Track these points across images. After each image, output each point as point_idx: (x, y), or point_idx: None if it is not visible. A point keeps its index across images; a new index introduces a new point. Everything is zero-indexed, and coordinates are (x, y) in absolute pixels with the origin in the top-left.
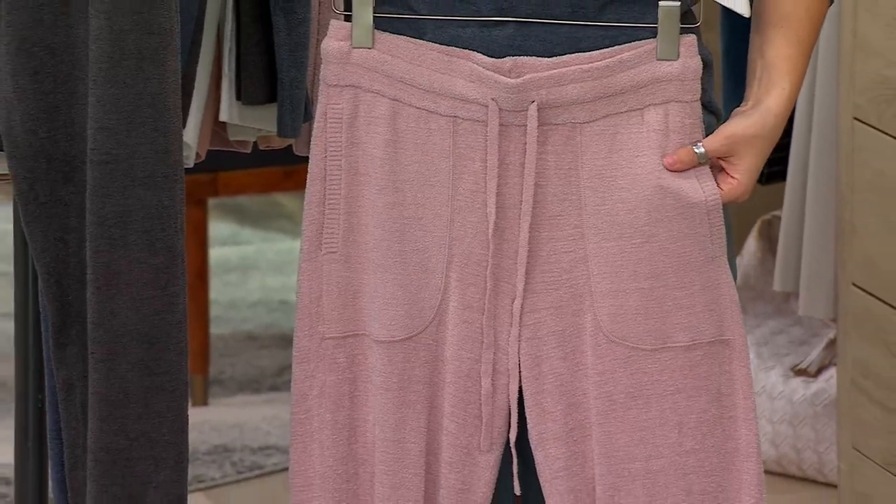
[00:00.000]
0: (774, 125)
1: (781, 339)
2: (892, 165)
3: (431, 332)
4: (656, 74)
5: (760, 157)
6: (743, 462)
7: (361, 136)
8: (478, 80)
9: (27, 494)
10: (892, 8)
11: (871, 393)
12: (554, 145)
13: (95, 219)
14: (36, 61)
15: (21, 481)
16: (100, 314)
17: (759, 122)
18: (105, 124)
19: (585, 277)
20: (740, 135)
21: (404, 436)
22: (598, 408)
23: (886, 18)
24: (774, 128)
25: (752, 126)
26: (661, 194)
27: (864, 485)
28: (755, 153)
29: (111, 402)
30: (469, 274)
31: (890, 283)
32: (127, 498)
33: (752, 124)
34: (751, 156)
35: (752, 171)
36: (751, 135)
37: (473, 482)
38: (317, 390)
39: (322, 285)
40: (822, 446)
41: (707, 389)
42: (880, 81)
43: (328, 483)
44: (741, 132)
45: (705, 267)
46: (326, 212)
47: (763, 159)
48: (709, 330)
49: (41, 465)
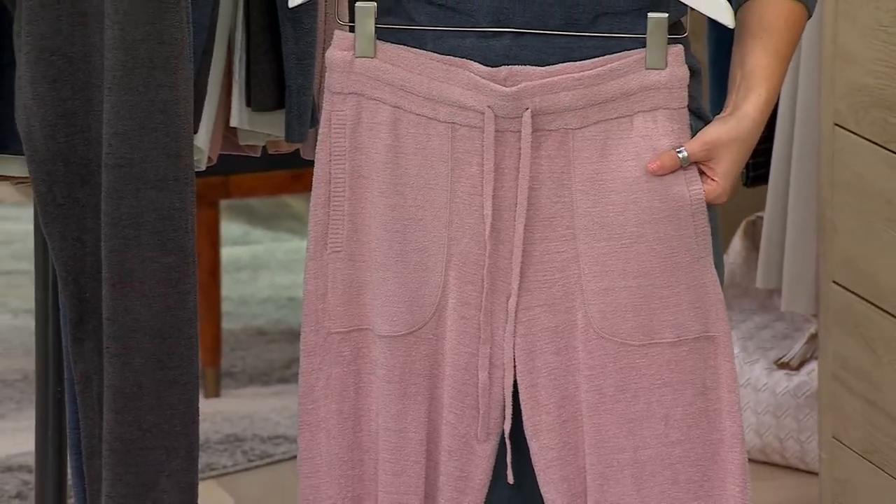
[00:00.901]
0: (751, 129)
1: (765, 333)
2: (870, 168)
3: (431, 328)
4: (645, 83)
5: (738, 160)
6: (727, 452)
7: (364, 141)
8: (475, 89)
9: (47, 481)
10: (871, 19)
11: (851, 385)
12: (547, 150)
13: (110, 220)
14: (54, 70)
15: (41, 468)
16: (114, 310)
17: (736, 126)
18: (119, 129)
19: (577, 276)
20: (718, 139)
21: (406, 425)
22: (588, 400)
23: (865, 29)
24: (751, 132)
25: (729, 131)
26: (650, 197)
27: (843, 472)
28: (733, 157)
29: (125, 394)
30: (467, 272)
31: (868, 280)
32: (140, 485)
33: (729, 129)
34: (728, 160)
35: (730, 173)
36: (728, 139)
37: (471, 470)
38: (323, 382)
39: (327, 283)
40: (803, 436)
41: (692, 383)
42: (859, 89)
43: (334, 470)
44: (718, 137)
45: (691, 267)
46: (331, 213)
47: (741, 162)
48: (694, 327)
49: (60, 453)
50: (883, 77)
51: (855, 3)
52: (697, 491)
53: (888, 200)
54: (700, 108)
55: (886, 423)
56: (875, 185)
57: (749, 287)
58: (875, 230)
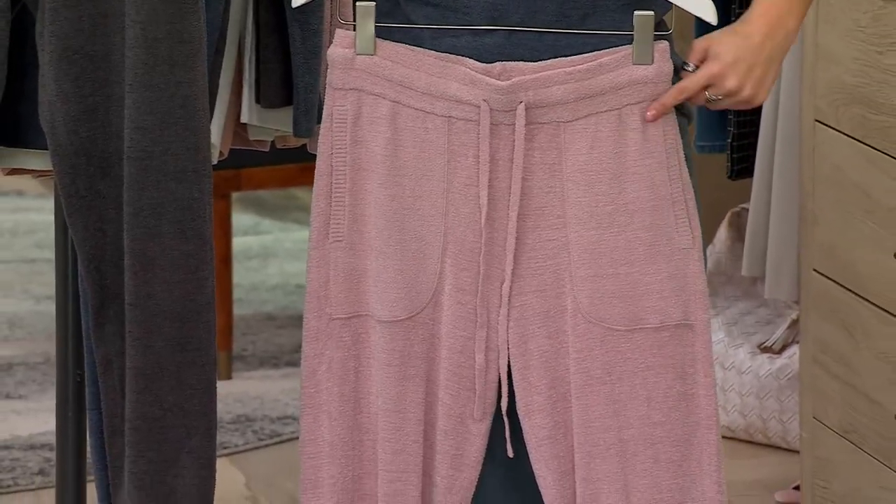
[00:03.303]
0: (752, 31)
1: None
2: (849, 162)
3: (429, 313)
4: (633, 77)
5: (738, 49)
6: (704, 433)
7: (364, 134)
8: (470, 83)
9: (67, 459)
10: (850, 21)
11: (830, 368)
12: (540, 142)
13: (132, 210)
14: (77, 67)
15: (62, 447)
16: (136, 296)
17: (733, 28)
18: (141, 124)
19: (567, 263)
20: (709, 39)
21: (404, 406)
22: (576, 382)
23: (844, 30)
24: (752, 28)
25: (722, 33)
26: (637, 188)
27: (823, 451)
28: (731, 46)
29: (147, 375)
30: (462, 260)
31: (847, 268)
32: (162, 462)
33: (722, 32)
34: (729, 47)
35: (725, 56)
36: (719, 35)
37: (466, 448)
38: (325, 366)
39: (329, 270)
40: (785, 416)
41: (673, 367)
42: (838, 86)
43: (336, 450)
44: (710, 37)
45: (673, 256)
46: (333, 204)
47: (745, 53)
48: (676, 314)
49: (79, 432)
50: (861, 75)
51: (835, 6)
52: (676, 470)
53: (866, 192)
54: (684, 104)
55: (864, 403)
56: (853, 178)
57: (734, 275)
58: (853, 221)
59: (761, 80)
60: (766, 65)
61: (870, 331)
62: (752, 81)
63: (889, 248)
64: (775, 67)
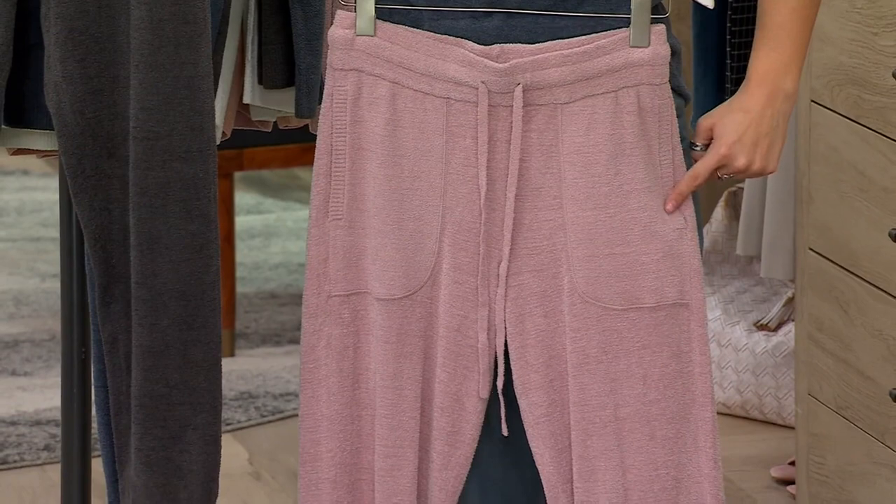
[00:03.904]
0: (751, 104)
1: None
2: (844, 142)
3: (426, 291)
4: (629, 60)
5: (739, 126)
6: (699, 411)
7: (364, 115)
8: (469, 65)
9: (72, 435)
10: (845, 2)
11: (825, 345)
12: (537, 124)
13: (138, 190)
14: (82, 49)
15: (67, 423)
16: (142, 275)
17: (732, 104)
18: (146, 105)
19: (563, 243)
20: (711, 119)
21: (402, 383)
22: (573, 361)
23: (839, 11)
24: (754, 109)
25: (722, 110)
26: (633, 169)
27: (818, 427)
28: (734, 126)
29: (153, 353)
30: (460, 239)
31: (842, 247)
32: (168, 438)
33: (722, 110)
34: (731, 129)
35: (729, 136)
36: (720, 114)
37: (462, 425)
38: (324, 342)
39: (328, 249)
40: (781, 393)
41: (669, 346)
42: (834, 67)
43: (335, 425)
44: (711, 116)
45: (669, 237)
46: (332, 183)
47: (748, 128)
48: (671, 293)
49: (85, 409)
50: (856, 56)
51: None
52: (672, 446)
53: (861, 172)
54: (680, 85)
55: (858, 380)
56: (849, 158)
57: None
58: (848, 200)
59: (769, 151)
60: (771, 135)
61: (864, 308)
62: (760, 155)
63: (884, 227)
64: (781, 134)
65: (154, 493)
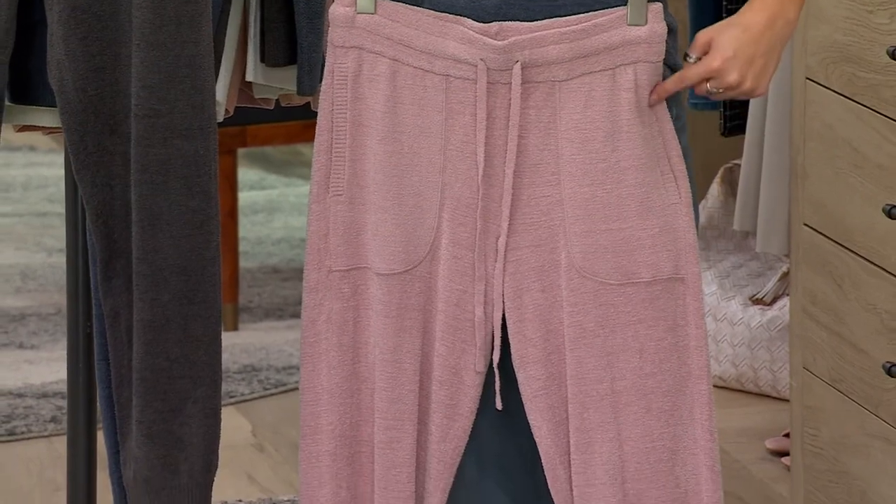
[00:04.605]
0: (752, 22)
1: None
2: (839, 119)
3: (426, 266)
4: (627, 38)
5: (736, 41)
6: (695, 384)
7: (364, 92)
8: (468, 43)
9: (78, 407)
10: None
11: (819, 319)
12: (535, 101)
13: (139, 166)
14: (84, 27)
15: (73, 396)
16: (144, 251)
17: (733, 20)
18: (148, 83)
19: (561, 219)
20: (710, 32)
21: (401, 357)
22: (570, 335)
23: None
24: (754, 28)
25: (722, 23)
26: (630, 146)
27: (812, 399)
28: (731, 40)
29: (154, 327)
30: (458, 215)
31: (836, 222)
32: (168, 411)
33: (721, 25)
34: (728, 39)
35: (726, 50)
36: (719, 27)
37: (460, 398)
38: (325, 316)
39: (329, 224)
40: (776, 366)
41: (664, 320)
42: (829, 45)
43: (335, 398)
44: (709, 30)
45: (664, 212)
46: (333, 159)
47: (745, 45)
48: (667, 268)
49: (90, 382)
50: (851, 34)
51: None
52: (668, 419)
53: (855, 148)
54: (676, 63)
55: (852, 353)
56: (843, 134)
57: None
58: (843, 176)
59: (762, 72)
60: (766, 56)
61: (858, 283)
62: (753, 74)
63: (877, 203)
64: (775, 57)
65: (155, 464)
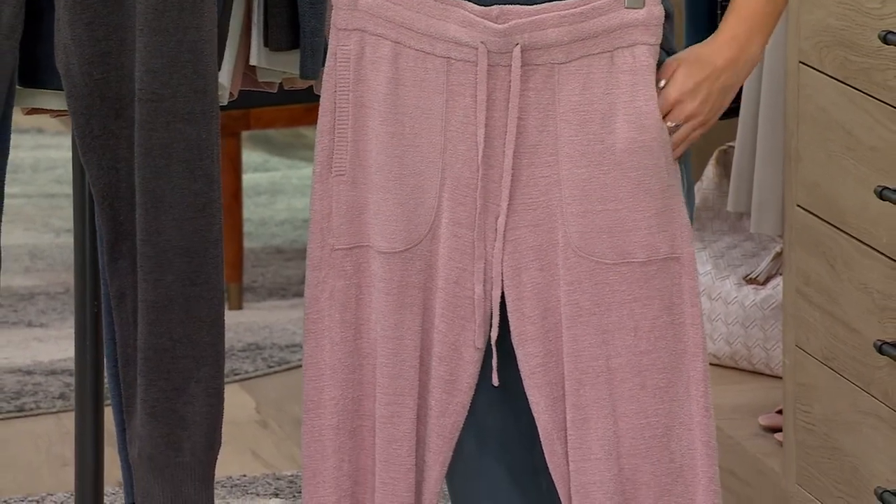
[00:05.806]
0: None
1: (735, 252)
2: (832, 102)
3: (426, 245)
4: (625, 20)
5: (696, 77)
6: (691, 361)
7: (367, 74)
8: (469, 26)
9: (85, 384)
10: None
11: (812, 298)
12: (535, 83)
13: (143, 150)
14: (90, 12)
15: (80, 373)
16: (147, 233)
17: (699, 52)
18: (151, 67)
19: (558, 199)
20: (682, 57)
21: (402, 333)
22: (567, 313)
23: None
24: (710, 62)
25: (691, 51)
26: (627, 129)
27: (805, 377)
28: (690, 75)
29: (158, 308)
30: (459, 195)
31: (829, 203)
32: (172, 390)
33: (691, 52)
34: (686, 73)
35: (686, 84)
36: (691, 53)
37: (459, 374)
38: (327, 294)
39: (332, 203)
40: (769, 344)
41: (660, 299)
42: (822, 29)
43: (337, 374)
44: (682, 57)
45: (661, 193)
46: (336, 140)
47: (703, 82)
48: (662, 248)
49: (97, 360)
50: (844, 19)
51: None
52: (663, 395)
53: (847, 131)
54: (672, 48)
55: (844, 332)
56: (836, 117)
57: (721, 210)
58: (836, 158)
59: (716, 107)
60: (722, 95)
61: (850, 263)
62: (708, 108)
63: (870, 185)
64: (730, 96)
65: (159, 442)
